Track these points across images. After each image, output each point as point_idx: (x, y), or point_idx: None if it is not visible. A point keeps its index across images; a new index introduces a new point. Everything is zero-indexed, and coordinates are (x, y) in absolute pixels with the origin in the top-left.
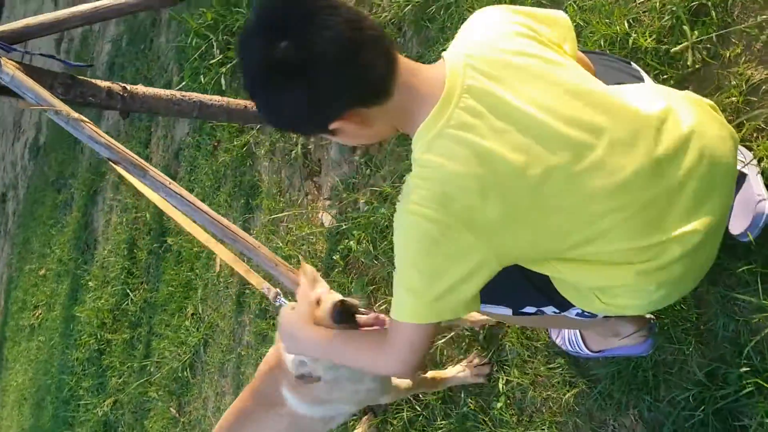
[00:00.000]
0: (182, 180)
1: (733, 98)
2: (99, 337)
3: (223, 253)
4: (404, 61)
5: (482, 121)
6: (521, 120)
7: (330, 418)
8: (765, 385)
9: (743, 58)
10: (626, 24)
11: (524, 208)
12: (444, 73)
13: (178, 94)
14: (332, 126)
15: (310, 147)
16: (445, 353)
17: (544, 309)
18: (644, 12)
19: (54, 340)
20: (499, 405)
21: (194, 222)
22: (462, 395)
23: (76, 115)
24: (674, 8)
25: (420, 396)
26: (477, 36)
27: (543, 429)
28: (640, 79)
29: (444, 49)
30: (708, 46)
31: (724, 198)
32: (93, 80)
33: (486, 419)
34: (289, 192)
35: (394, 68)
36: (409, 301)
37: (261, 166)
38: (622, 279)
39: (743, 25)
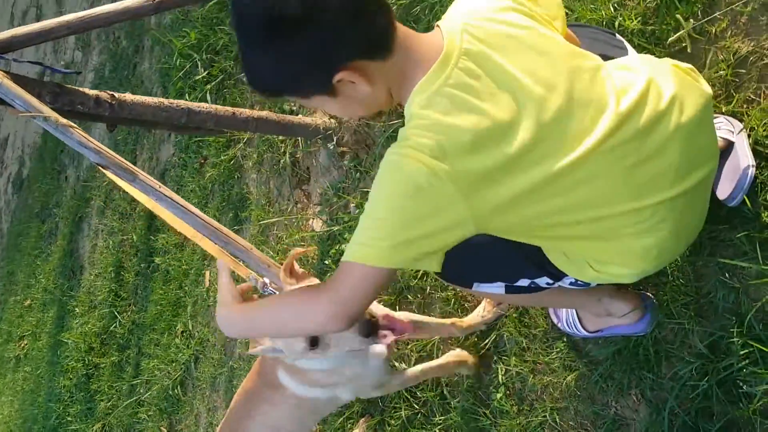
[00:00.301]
0: None
1: (722, 72)
2: (87, 361)
3: (210, 247)
4: (400, 24)
5: (480, 83)
6: (516, 87)
7: (334, 397)
8: None
9: (729, 32)
10: (612, 8)
11: (510, 170)
12: (440, 39)
13: (165, 101)
14: (336, 77)
15: (298, 156)
16: (440, 348)
17: (538, 281)
18: None
19: (41, 369)
20: (498, 396)
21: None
22: (460, 388)
23: (64, 121)
24: None
25: (417, 393)
26: (472, 7)
27: (544, 416)
28: (624, 50)
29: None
30: (694, 23)
31: (704, 162)
32: (81, 89)
33: (486, 412)
34: (278, 202)
35: (394, 26)
36: (372, 242)
37: (249, 178)
38: (612, 249)
39: (731, 4)
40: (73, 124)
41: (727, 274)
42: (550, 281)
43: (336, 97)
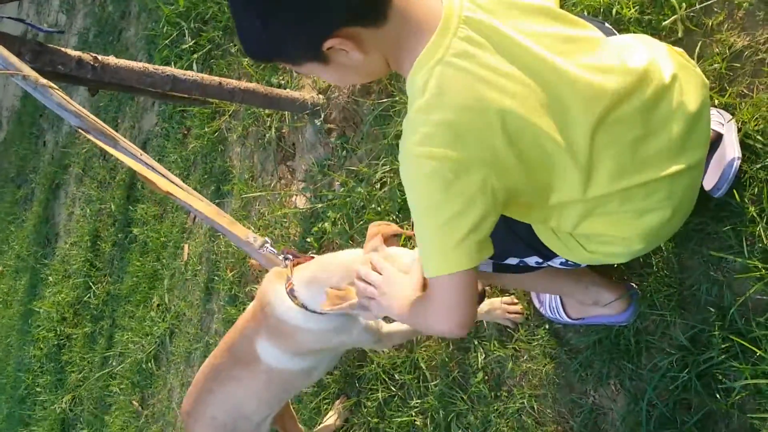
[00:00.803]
0: None
1: (716, 65)
2: (58, 332)
3: (204, 209)
4: None
5: (482, 50)
6: (519, 53)
7: (311, 369)
8: (749, 346)
9: (726, 26)
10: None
11: (525, 139)
12: (440, 4)
13: (150, 67)
14: (327, 44)
15: (284, 131)
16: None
17: (527, 260)
18: None
19: (10, 338)
20: (476, 380)
21: (170, 182)
22: (438, 372)
23: (44, 81)
24: None
25: (395, 375)
26: None
27: (522, 403)
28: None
29: None
30: (691, 14)
31: (702, 143)
32: (63, 49)
33: (464, 396)
34: (261, 177)
35: None
36: (435, 252)
37: (233, 151)
38: (607, 227)
39: None
40: (53, 84)
41: (711, 267)
42: (540, 260)
43: (328, 64)
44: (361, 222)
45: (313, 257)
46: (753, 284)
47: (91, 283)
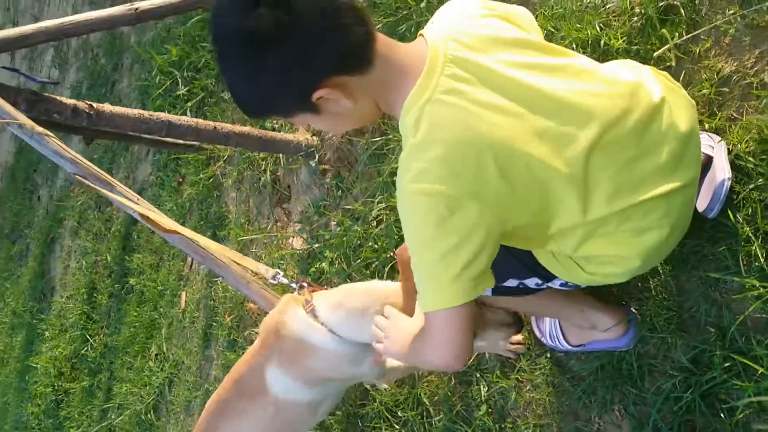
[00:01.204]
0: None
1: (705, 90)
2: (56, 387)
3: (210, 245)
4: (381, 35)
5: (470, 86)
6: (508, 85)
7: (318, 403)
8: (751, 364)
9: (713, 52)
10: (597, 28)
11: (518, 170)
12: (424, 47)
13: (146, 113)
14: (316, 95)
15: (279, 174)
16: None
17: (527, 281)
18: (614, 16)
19: (7, 396)
20: (480, 413)
21: (168, 240)
22: (441, 407)
23: (40, 129)
24: (644, 9)
25: (398, 413)
26: (452, 16)
27: None
28: None
29: None
30: (679, 43)
31: (694, 161)
32: (58, 98)
33: (468, 430)
34: (257, 220)
35: (373, 37)
36: (431, 287)
37: (228, 197)
38: (606, 248)
39: (714, 23)
40: (49, 132)
41: (710, 288)
42: (540, 282)
43: (319, 114)
44: (359, 260)
45: (326, 288)
46: (751, 303)
47: (88, 336)
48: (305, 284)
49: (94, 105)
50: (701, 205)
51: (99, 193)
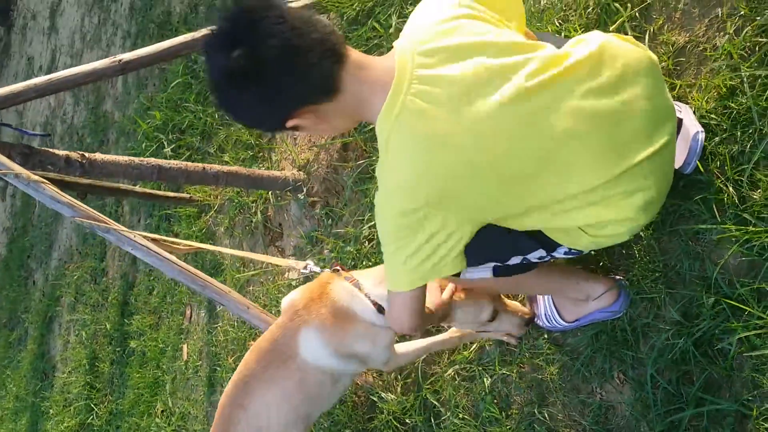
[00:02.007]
0: (142, 282)
1: (663, 63)
2: None
3: (232, 251)
4: (355, 57)
5: (433, 105)
6: (467, 89)
7: (338, 376)
8: (737, 305)
9: (666, 27)
10: (556, 23)
11: (488, 177)
12: (392, 63)
13: (136, 159)
14: (289, 124)
15: (269, 213)
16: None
17: (531, 256)
18: (571, 10)
19: None
20: (486, 404)
21: (166, 273)
22: (448, 405)
23: (36, 177)
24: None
25: (405, 419)
26: (420, 21)
27: (533, 414)
28: None
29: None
30: (634, 24)
31: (668, 120)
32: (50, 149)
33: (476, 423)
34: (252, 262)
35: (341, 66)
36: (395, 271)
37: (222, 244)
38: (606, 213)
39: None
40: (44, 180)
41: (690, 243)
42: (544, 254)
43: (299, 130)
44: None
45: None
46: (730, 247)
47: (92, 405)
48: (339, 268)
49: (86, 155)
50: (678, 162)
51: (97, 234)
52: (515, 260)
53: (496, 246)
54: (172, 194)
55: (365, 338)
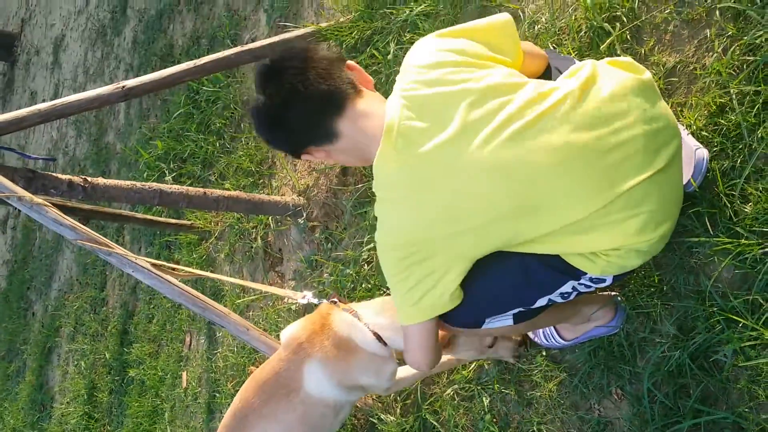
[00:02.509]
0: (142, 311)
1: (655, 83)
2: None
3: (233, 280)
4: (358, 108)
5: (416, 156)
6: (448, 139)
7: (341, 406)
8: (731, 317)
9: (657, 49)
10: (551, 46)
11: (475, 217)
12: (384, 114)
13: (138, 184)
14: (303, 158)
15: (269, 238)
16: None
17: (563, 288)
18: (564, 34)
19: None
20: (485, 423)
21: (167, 295)
22: (447, 426)
23: (38, 200)
24: (590, 23)
25: None
26: (408, 65)
27: None
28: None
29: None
30: (625, 46)
31: (671, 139)
32: (53, 174)
33: None
34: (252, 289)
35: (341, 115)
36: (400, 304)
37: (222, 271)
38: (608, 239)
39: (654, 18)
40: (47, 203)
41: (685, 258)
42: (569, 291)
43: (315, 157)
44: (353, 301)
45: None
46: (723, 260)
47: None
48: (336, 300)
49: (89, 179)
50: (684, 179)
51: (98, 255)
52: (541, 302)
53: (520, 292)
54: (173, 221)
55: (369, 369)
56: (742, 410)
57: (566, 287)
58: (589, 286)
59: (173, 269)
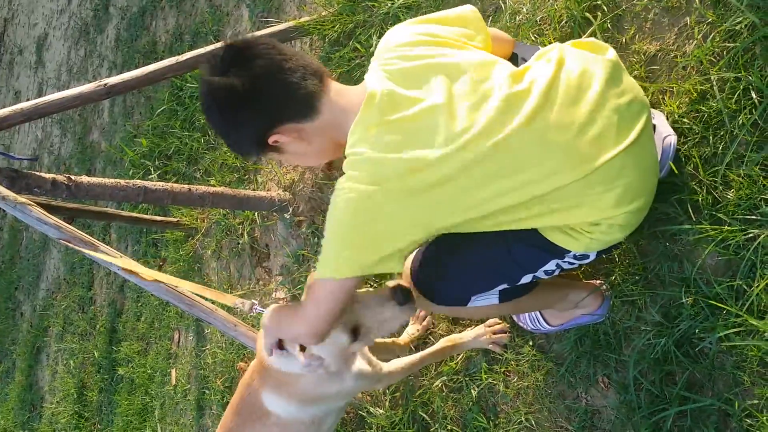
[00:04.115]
0: (130, 309)
1: (636, 71)
2: None
3: (190, 286)
4: (335, 85)
5: (399, 123)
6: (433, 109)
7: (320, 419)
8: (715, 303)
9: (638, 38)
10: (533, 37)
11: (453, 181)
12: (364, 88)
13: (122, 181)
14: (271, 139)
15: (256, 234)
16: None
17: (545, 268)
18: (546, 24)
19: None
20: (473, 414)
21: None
22: (436, 417)
23: (22, 199)
24: (570, 12)
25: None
26: (385, 44)
27: (520, 422)
28: None
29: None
30: (606, 35)
31: (640, 112)
32: (36, 173)
33: None
34: (240, 284)
35: (323, 89)
36: (329, 258)
37: (209, 267)
38: (587, 213)
39: (635, 7)
40: (30, 202)
41: (668, 245)
42: (552, 268)
43: (283, 153)
44: None
45: None
46: (706, 247)
47: None
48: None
49: (73, 177)
50: None
51: (83, 255)
52: (526, 279)
53: (506, 267)
54: (159, 218)
55: (323, 381)
56: (728, 396)
57: (550, 265)
58: (573, 263)
59: (140, 275)
